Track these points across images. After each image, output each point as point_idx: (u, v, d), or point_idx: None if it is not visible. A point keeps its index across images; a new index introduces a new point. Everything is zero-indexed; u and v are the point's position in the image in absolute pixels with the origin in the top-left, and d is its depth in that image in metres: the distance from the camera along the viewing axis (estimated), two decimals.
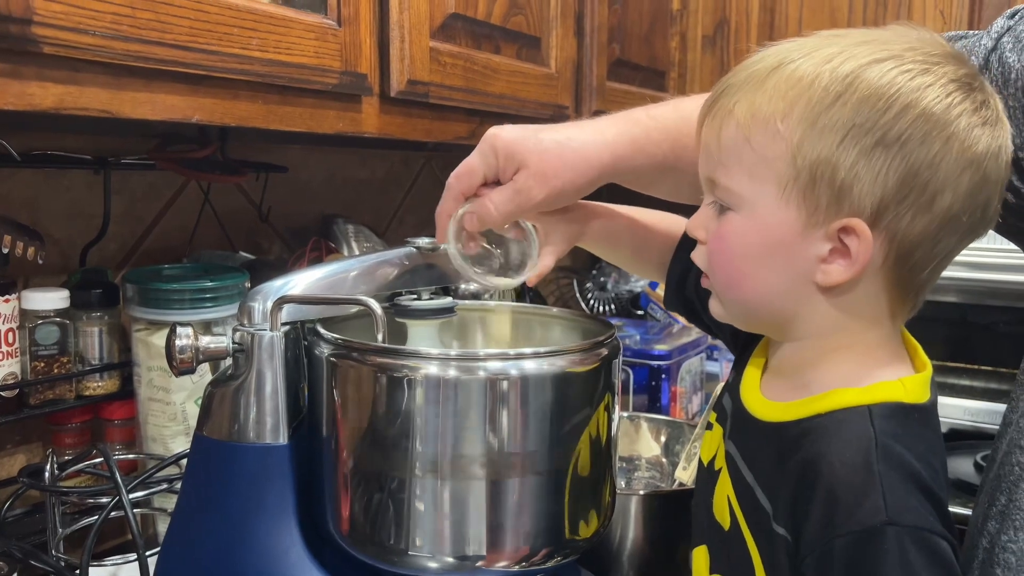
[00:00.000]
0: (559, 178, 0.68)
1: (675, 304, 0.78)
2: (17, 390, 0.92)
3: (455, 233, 0.72)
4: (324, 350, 0.69)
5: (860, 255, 0.55)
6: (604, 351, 0.70)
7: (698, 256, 0.64)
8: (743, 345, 0.70)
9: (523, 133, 0.69)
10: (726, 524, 0.63)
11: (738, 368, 0.69)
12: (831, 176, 0.54)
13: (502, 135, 0.69)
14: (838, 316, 0.58)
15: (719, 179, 0.59)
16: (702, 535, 0.68)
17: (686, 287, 0.75)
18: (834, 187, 0.54)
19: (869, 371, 0.58)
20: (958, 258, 0.67)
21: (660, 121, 0.70)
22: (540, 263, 0.74)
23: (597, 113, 1.35)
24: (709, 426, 0.71)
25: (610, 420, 0.71)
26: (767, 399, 0.62)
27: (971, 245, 0.63)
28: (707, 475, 0.68)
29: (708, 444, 0.70)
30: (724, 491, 0.64)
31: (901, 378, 0.58)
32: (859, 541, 0.52)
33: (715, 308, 0.64)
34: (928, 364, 0.61)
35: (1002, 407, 0.73)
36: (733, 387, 0.67)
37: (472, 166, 0.70)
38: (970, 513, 0.71)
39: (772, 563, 0.58)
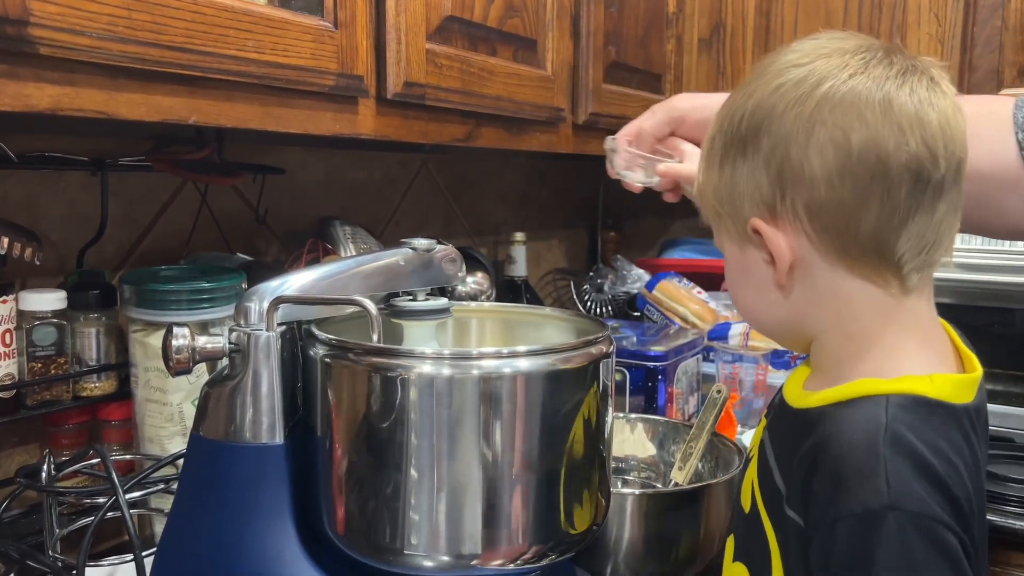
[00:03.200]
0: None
1: None
2: (14, 391, 0.93)
3: (609, 150, 0.90)
4: (318, 351, 0.69)
5: (775, 244, 0.60)
6: (597, 349, 0.70)
7: None
8: None
9: None
10: (747, 507, 0.66)
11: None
12: (728, 196, 0.63)
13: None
14: (828, 307, 0.61)
15: None
16: (732, 524, 0.71)
17: None
18: (732, 203, 0.63)
19: (899, 364, 0.60)
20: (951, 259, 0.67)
21: None
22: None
23: (594, 116, 1.35)
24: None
25: (604, 418, 0.72)
26: (805, 391, 0.64)
27: (964, 247, 0.63)
28: (744, 464, 0.72)
29: (754, 439, 0.72)
30: (751, 476, 0.67)
31: (931, 374, 0.59)
32: (860, 524, 0.53)
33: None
34: (977, 368, 0.62)
35: (997, 408, 0.74)
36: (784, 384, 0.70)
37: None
38: None
39: (786, 548, 0.60)
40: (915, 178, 0.57)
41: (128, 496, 0.82)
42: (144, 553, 0.79)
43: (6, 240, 0.87)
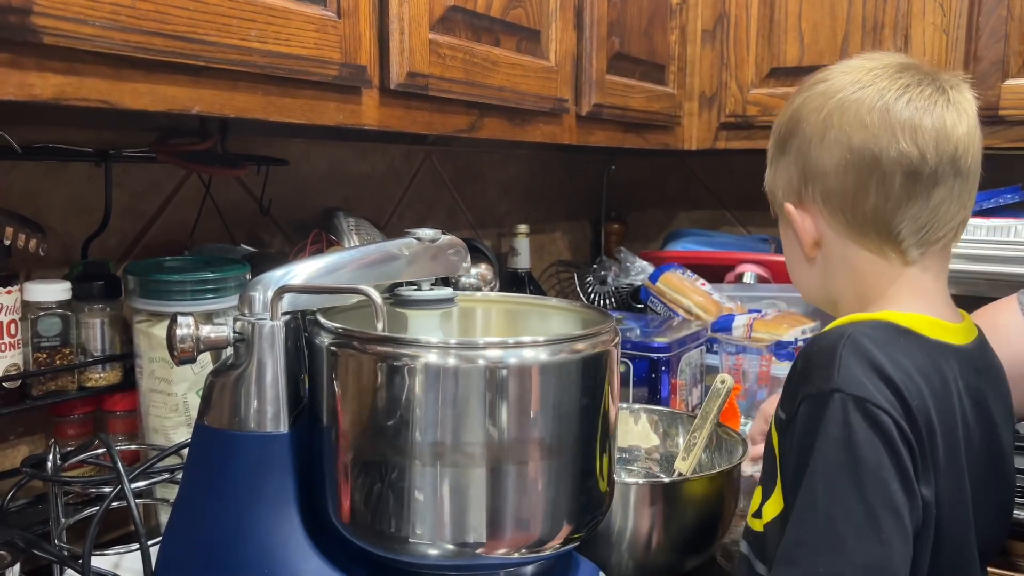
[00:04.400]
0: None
1: None
2: (20, 381, 0.93)
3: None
4: (324, 339, 0.69)
5: (800, 223, 0.76)
6: (602, 340, 0.70)
7: None
8: None
9: None
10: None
11: None
12: (772, 187, 0.80)
13: None
14: (844, 274, 0.76)
15: None
16: None
17: None
18: (775, 193, 0.80)
19: (887, 307, 0.73)
20: (957, 250, 0.71)
21: None
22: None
23: (597, 106, 1.35)
24: None
25: (608, 409, 0.72)
26: None
27: (969, 237, 0.69)
28: None
29: None
30: None
31: (913, 312, 0.72)
32: (813, 403, 0.66)
33: None
34: (965, 318, 0.77)
35: None
36: None
37: None
38: None
39: (781, 447, 0.70)
40: (906, 171, 0.70)
41: (133, 485, 0.82)
42: (150, 542, 0.79)
43: (10, 231, 0.87)
